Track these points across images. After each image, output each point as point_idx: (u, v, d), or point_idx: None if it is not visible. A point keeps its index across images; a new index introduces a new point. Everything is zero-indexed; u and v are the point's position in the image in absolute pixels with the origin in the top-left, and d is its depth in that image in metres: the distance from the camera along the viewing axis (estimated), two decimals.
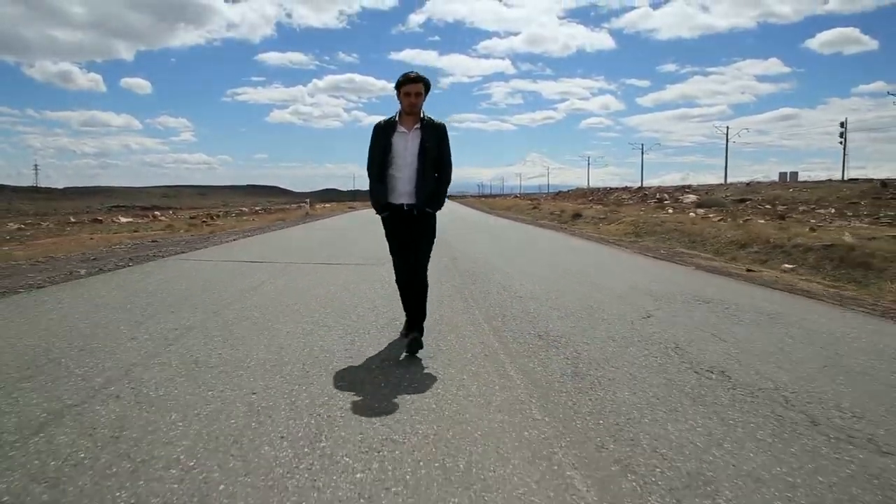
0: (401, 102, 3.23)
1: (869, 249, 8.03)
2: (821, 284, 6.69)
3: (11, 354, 3.08)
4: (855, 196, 23.74)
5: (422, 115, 3.25)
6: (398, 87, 3.20)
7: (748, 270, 7.50)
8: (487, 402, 2.49)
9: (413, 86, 3.15)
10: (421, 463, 1.91)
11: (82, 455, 1.92)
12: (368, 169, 3.32)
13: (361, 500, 1.67)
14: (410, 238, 3.28)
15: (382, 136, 3.23)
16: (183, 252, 8.48)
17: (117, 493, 1.68)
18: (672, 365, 3.08)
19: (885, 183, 27.79)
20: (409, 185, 3.20)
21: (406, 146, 3.20)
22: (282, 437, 2.08)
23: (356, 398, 2.51)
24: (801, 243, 9.25)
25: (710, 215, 17.17)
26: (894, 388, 2.78)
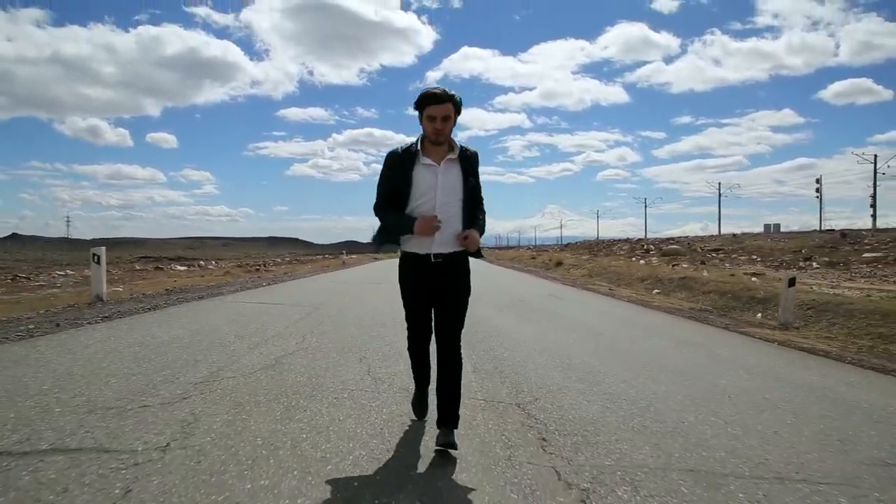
0: (423, 128, 2.64)
1: (702, 279, 14.44)
2: (637, 294, 13.09)
3: (292, 301, 9.80)
4: (814, 245, 29.87)
5: (452, 144, 2.70)
6: (420, 108, 2.60)
7: (609, 290, 13.91)
8: None
9: (439, 107, 2.55)
10: None
11: (337, 315, 8.55)
12: (376, 209, 2.81)
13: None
14: (438, 296, 2.83)
15: (400, 168, 2.68)
16: (289, 281, 15.33)
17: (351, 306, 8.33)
18: (512, 307, 9.51)
19: (844, 233, 33.82)
20: (445, 232, 2.68)
21: (436, 183, 2.67)
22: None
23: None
24: (673, 277, 15.69)
25: (654, 262, 23.63)
26: (584, 310, 9.25)
